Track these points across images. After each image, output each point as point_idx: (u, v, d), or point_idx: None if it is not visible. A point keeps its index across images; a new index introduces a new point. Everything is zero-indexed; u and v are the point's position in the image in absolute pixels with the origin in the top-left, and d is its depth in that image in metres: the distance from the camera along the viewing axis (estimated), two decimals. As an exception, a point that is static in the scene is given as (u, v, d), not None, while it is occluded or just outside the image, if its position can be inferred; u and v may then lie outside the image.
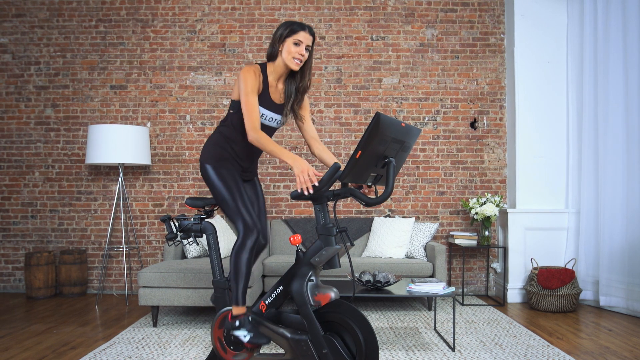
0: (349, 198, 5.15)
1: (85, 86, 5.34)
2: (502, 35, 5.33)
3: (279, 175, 5.31)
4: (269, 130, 2.80)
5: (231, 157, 2.76)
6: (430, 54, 5.34)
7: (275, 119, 2.75)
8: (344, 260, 4.37)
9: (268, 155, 5.30)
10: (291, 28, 2.61)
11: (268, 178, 5.31)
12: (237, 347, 2.63)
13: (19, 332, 3.77)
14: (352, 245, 2.39)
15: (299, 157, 2.39)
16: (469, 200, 5.03)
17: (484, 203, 4.83)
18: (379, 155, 2.25)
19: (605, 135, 4.52)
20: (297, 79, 2.75)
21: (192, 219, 2.86)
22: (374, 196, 2.45)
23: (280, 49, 2.64)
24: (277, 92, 2.74)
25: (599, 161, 4.57)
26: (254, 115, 2.55)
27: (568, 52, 4.99)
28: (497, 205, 4.82)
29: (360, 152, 2.15)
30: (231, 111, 2.77)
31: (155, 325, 3.97)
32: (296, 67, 2.65)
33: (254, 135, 2.52)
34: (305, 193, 2.33)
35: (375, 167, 2.29)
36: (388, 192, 2.25)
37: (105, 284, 5.30)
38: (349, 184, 2.40)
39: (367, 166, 2.25)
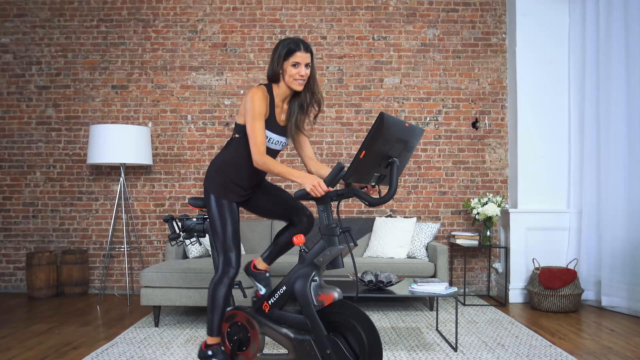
0: (350, 198, 5.14)
1: (86, 86, 5.34)
2: (503, 35, 5.32)
3: (280, 175, 5.31)
4: (272, 152, 2.71)
5: (234, 185, 2.70)
6: (431, 54, 5.34)
7: (280, 142, 2.70)
8: (347, 260, 4.36)
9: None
10: (287, 49, 2.53)
11: (269, 178, 5.29)
12: (238, 348, 2.64)
13: (20, 332, 3.77)
14: (356, 245, 2.39)
15: (306, 174, 2.38)
16: (471, 200, 5.03)
17: (486, 203, 4.83)
18: (382, 155, 2.25)
19: (607, 135, 4.51)
20: (302, 96, 2.66)
21: (195, 219, 2.86)
22: (377, 196, 2.45)
23: (281, 72, 2.58)
24: (282, 113, 2.68)
25: (601, 161, 4.57)
26: (260, 139, 2.50)
27: (570, 52, 4.99)
28: (499, 206, 4.81)
29: (364, 152, 2.15)
30: (236, 135, 2.68)
31: (157, 325, 3.96)
32: (300, 88, 2.59)
33: (260, 159, 2.49)
34: (317, 196, 2.34)
35: (378, 167, 2.29)
36: (391, 192, 2.25)
37: (107, 284, 5.30)
38: (352, 184, 2.40)
39: (370, 166, 2.25)
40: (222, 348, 2.66)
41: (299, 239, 2.43)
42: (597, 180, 4.67)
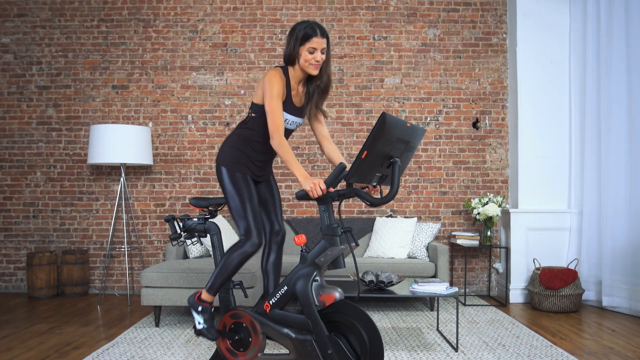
0: (350, 198, 5.14)
1: (87, 86, 5.34)
2: (504, 35, 5.32)
3: (280, 175, 5.31)
4: (286, 132, 2.76)
5: (248, 160, 2.74)
6: (432, 54, 5.34)
7: (295, 122, 2.76)
8: (348, 260, 4.36)
9: (270, 155, 5.29)
10: (304, 33, 2.54)
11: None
12: (236, 346, 2.64)
13: (21, 332, 3.77)
14: (357, 245, 2.39)
15: (307, 174, 2.40)
16: (472, 200, 5.03)
17: (487, 203, 4.82)
18: (384, 156, 2.24)
19: (608, 135, 4.51)
20: (317, 78, 2.71)
21: (196, 219, 2.86)
22: (379, 196, 2.45)
23: (296, 56, 2.60)
24: (298, 95, 2.73)
25: (602, 161, 4.57)
26: (278, 119, 2.52)
27: (570, 52, 4.99)
28: (500, 206, 4.81)
29: (366, 152, 2.15)
30: (253, 115, 2.72)
31: (157, 325, 3.96)
32: (315, 72, 2.62)
33: (278, 139, 2.50)
34: (316, 196, 2.34)
35: (380, 167, 2.29)
36: (393, 192, 2.25)
37: (107, 284, 5.30)
38: (354, 184, 2.39)
39: (372, 166, 2.25)
40: (212, 310, 2.69)
41: (300, 238, 2.43)
42: (597, 180, 4.67)
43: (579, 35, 4.91)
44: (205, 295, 2.70)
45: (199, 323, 2.68)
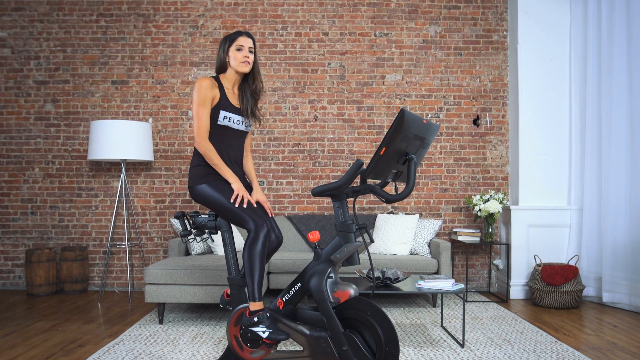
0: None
1: (86, 81, 5.28)
2: (505, 33, 5.34)
3: (281, 171, 5.30)
4: (240, 134, 2.90)
5: (215, 172, 2.83)
6: (433, 51, 5.34)
7: (241, 121, 2.87)
8: (363, 257, 4.35)
9: (271, 152, 5.28)
10: (231, 37, 2.80)
11: (271, 174, 5.29)
12: (254, 345, 2.61)
13: (23, 330, 3.73)
14: (373, 241, 2.39)
15: (238, 180, 2.73)
16: (473, 197, 5.05)
17: (488, 200, 4.85)
18: (400, 152, 2.25)
19: (609, 132, 4.55)
20: (250, 83, 2.90)
21: (207, 216, 2.84)
22: (394, 193, 2.45)
23: (227, 60, 2.83)
24: (234, 96, 2.88)
25: (602, 158, 4.61)
26: (204, 125, 2.71)
27: (571, 49, 5.02)
28: (501, 202, 4.83)
29: (384, 148, 2.14)
30: None
31: (161, 322, 3.94)
32: (247, 69, 2.82)
33: (203, 143, 2.71)
34: (237, 206, 2.63)
35: (396, 163, 2.29)
36: (409, 188, 2.25)
37: (107, 280, 5.26)
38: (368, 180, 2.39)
39: (389, 163, 2.25)
40: (268, 314, 2.56)
41: (314, 235, 2.43)
42: (598, 177, 4.71)
43: (579, 33, 4.94)
44: (253, 306, 2.59)
45: (263, 332, 2.52)
